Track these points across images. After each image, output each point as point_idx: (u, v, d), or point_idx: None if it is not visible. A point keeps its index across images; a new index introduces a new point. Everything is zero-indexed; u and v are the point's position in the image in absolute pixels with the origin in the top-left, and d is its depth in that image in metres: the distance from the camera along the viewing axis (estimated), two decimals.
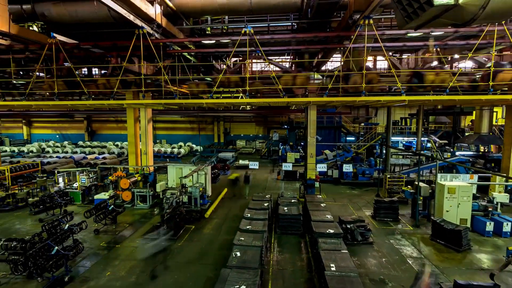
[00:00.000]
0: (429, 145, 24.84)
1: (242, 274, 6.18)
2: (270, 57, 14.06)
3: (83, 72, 15.07)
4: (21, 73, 14.27)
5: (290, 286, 6.95)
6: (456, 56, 11.14)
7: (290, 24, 10.74)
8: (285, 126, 28.60)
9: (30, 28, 9.12)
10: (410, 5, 3.08)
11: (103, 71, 14.40)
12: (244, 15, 8.93)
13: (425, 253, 8.62)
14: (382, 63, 26.53)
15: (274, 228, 10.38)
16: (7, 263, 6.85)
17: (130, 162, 15.20)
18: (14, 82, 13.10)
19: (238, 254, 7.10)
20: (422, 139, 25.60)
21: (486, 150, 20.73)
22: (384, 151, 17.19)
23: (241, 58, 13.15)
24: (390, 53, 15.54)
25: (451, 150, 19.71)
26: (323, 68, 18.26)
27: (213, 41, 8.92)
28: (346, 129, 26.84)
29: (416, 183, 11.31)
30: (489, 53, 10.16)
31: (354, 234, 9.18)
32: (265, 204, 11.14)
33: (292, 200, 11.66)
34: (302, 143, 27.91)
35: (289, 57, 16.23)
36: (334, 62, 25.83)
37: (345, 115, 28.43)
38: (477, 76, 10.10)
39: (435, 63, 11.81)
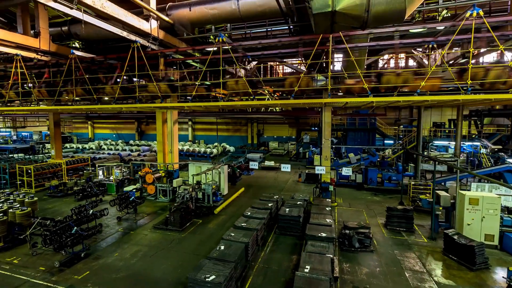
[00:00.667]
0: (483, 150, 21.86)
1: (217, 265, 6.60)
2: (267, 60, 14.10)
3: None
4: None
5: (269, 283, 7.12)
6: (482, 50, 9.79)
7: (287, 27, 10.73)
8: (314, 128, 28.00)
9: (72, 45, 11.04)
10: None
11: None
12: (236, 22, 9.31)
13: (430, 267, 7.88)
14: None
15: (274, 228, 10.51)
16: (40, 237, 8.42)
17: (158, 160, 16.80)
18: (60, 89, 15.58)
19: (222, 248, 7.53)
20: (474, 143, 22.70)
21: None
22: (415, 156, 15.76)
23: (256, 62, 13.54)
24: (420, 50, 14.29)
25: (504, 156, 17.02)
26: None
27: (213, 49, 9.51)
28: (381, 132, 25.08)
29: (439, 192, 10.29)
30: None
31: (351, 240, 8.83)
32: (269, 204, 11.34)
33: (298, 202, 11.64)
34: (333, 146, 27.04)
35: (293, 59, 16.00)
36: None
37: (380, 117, 26.63)
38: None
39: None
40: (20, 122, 44.94)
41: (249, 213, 10.29)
